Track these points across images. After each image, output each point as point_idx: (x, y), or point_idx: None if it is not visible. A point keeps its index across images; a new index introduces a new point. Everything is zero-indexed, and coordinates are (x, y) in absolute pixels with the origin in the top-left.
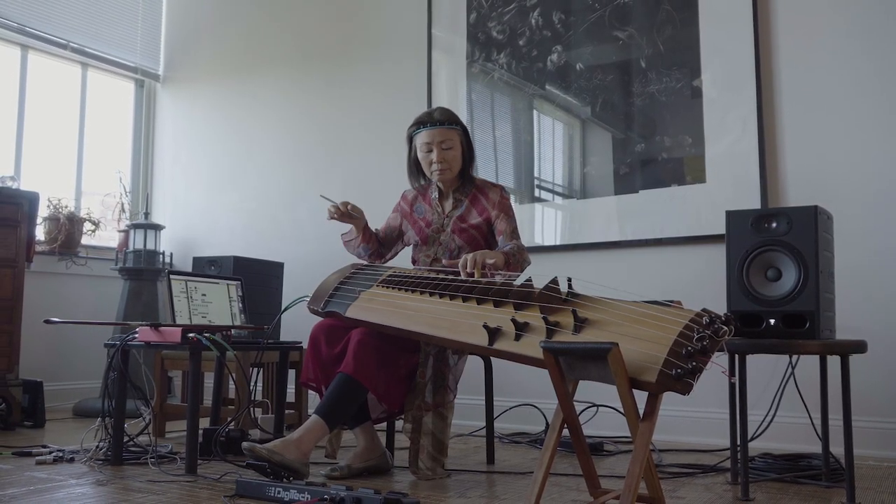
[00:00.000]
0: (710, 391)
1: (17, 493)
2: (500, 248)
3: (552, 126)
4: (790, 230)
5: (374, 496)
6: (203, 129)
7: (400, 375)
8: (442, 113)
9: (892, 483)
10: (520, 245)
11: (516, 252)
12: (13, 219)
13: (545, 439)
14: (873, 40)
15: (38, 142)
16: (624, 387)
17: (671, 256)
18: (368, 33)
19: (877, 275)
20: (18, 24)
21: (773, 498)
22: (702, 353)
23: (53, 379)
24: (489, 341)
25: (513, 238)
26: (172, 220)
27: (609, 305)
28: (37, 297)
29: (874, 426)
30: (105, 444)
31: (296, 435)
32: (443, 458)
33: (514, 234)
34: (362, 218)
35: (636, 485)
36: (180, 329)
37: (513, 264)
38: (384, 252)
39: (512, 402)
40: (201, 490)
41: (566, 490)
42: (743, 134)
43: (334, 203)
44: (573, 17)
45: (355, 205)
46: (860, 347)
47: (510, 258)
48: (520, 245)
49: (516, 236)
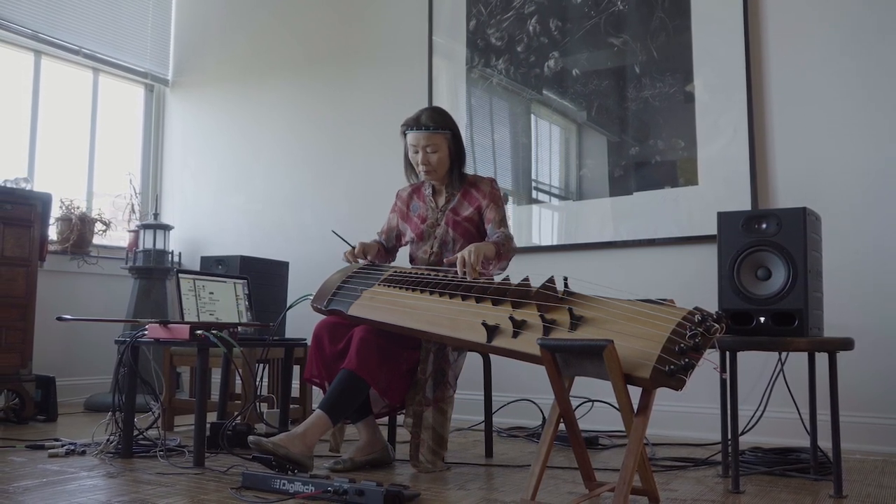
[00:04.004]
0: (702, 387)
1: (31, 484)
2: (489, 238)
3: (549, 130)
4: (780, 231)
5: (376, 488)
6: (211, 132)
7: (401, 371)
8: (429, 117)
9: (879, 476)
10: (507, 234)
11: (504, 241)
12: (27, 219)
13: (542, 433)
14: (860, 46)
15: (51, 144)
16: (619, 383)
17: (664, 256)
18: (371, 40)
19: (863, 274)
20: (32, 31)
21: (763, 490)
22: (694, 350)
23: (66, 374)
24: (488, 338)
25: (500, 227)
26: (181, 221)
27: (604, 304)
28: (49, 296)
29: (861, 421)
30: (115, 437)
31: (300, 429)
32: (443, 452)
33: (503, 222)
34: (375, 249)
35: (630, 477)
36: (188, 326)
37: (503, 253)
38: (391, 255)
39: (510, 397)
40: (209, 482)
41: (562, 482)
42: (734, 137)
43: (350, 246)
44: (569, 25)
45: (368, 243)
46: (847, 344)
47: (500, 248)
48: (507, 234)
49: (504, 225)
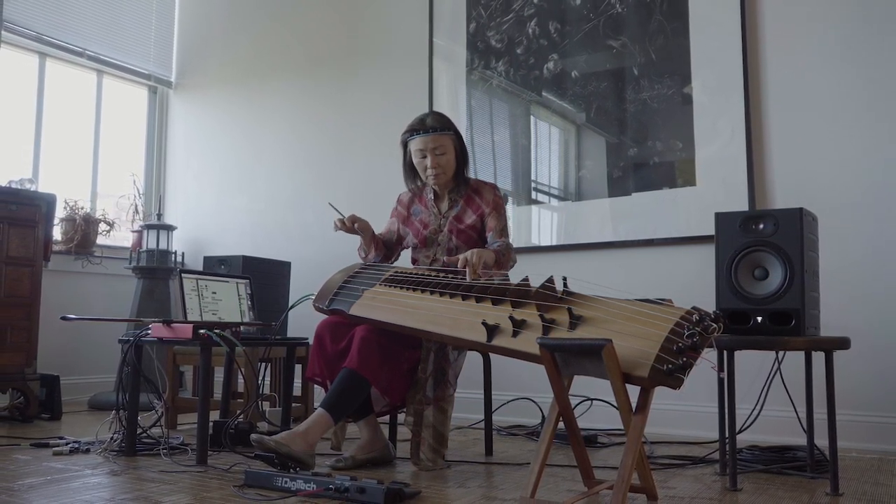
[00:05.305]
0: (700, 386)
1: (35, 482)
2: (490, 246)
3: (548, 131)
4: (777, 231)
5: (377, 486)
6: (213, 133)
7: (402, 370)
8: (434, 119)
9: (874, 474)
10: (508, 243)
11: (504, 251)
12: (31, 219)
13: (541, 432)
14: (856, 48)
15: (55, 146)
16: (617, 382)
17: (663, 256)
18: (372, 42)
19: (860, 274)
20: (37, 33)
21: (760, 488)
22: (692, 350)
23: (70, 373)
24: (488, 338)
25: (501, 236)
26: (184, 221)
27: (603, 303)
28: (54, 295)
29: (857, 419)
30: (119, 435)
31: (302, 427)
32: (443, 450)
33: (504, 232)
34: (368, 230)
35: (629, 475)
36: (191, 326)
37: (501, 262)
38: (391, 255)
39: (510, 396)
40: (211, 480)
41: (562, 480)
42: (732, 139)
43: (341, 216)
44: (568, 27)
45: (361, 218)
46: (844, 344)
47: (500, 256)
48: (508, 243)
49: (505, 234)
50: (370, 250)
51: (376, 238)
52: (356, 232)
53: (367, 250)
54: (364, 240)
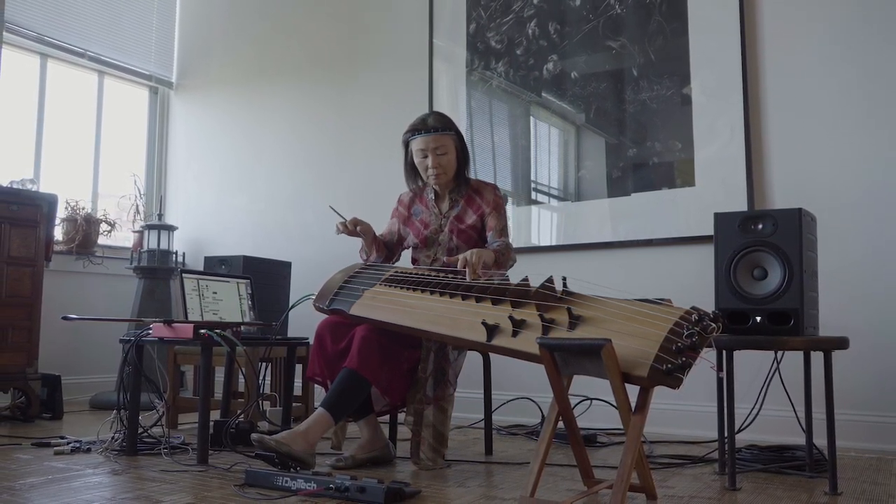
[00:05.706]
0: (699, 385)
1: (37, 482)
2: (490, 245)
3: (548, 132)
4: (776, 231)
5: (377, 485)
6: (214, 134)
7: (402, 370)
8: (436, 119)
9: (873, 473)
10: (507, 243)
11: (504, 251)
12: (33, 220)
13: (541, 431)
14: (855, 49)
15: (56, 146)
16: (617, 381)
17: (662, 256)
18: (373, 43)
19: (858, 274)
20: (38, 34)
21: (759, 487)
22: (691, 349)
23: (71, 373)
24: (487, 338)
25: (501, 236)
26: (185, 222)
27: (602, 303)
28: (55, 295)
29: (856, 419)
30: (120, 435)
31: (302, 427)
32: (443, 450)
33: (504, 231)
34: (370, 232)
35: (628, 475)
36: (192, 325)
37: (501, 262)
38: (392, 256)
39: (509, 395)
40: (212, 479)
41: (561, 480)
42: (731, 139)
43: (343, 220)
44: (568, 28)
45: (363, 221)
46: (842, 344)
47: (499, 256)
48: (507, 243)
49: (505, 234)
50: (372, 252)
51: (378, 240)
52: (358, 235)
53: (368, 252)
54: (366, 242)
